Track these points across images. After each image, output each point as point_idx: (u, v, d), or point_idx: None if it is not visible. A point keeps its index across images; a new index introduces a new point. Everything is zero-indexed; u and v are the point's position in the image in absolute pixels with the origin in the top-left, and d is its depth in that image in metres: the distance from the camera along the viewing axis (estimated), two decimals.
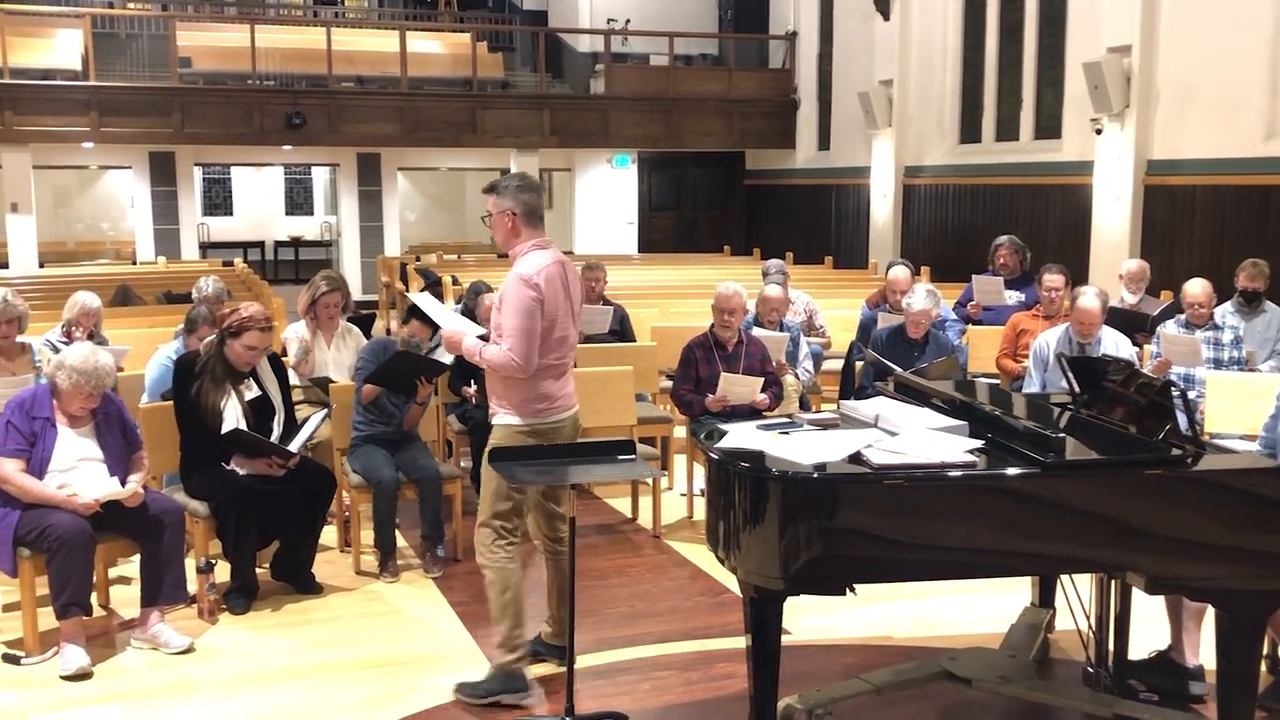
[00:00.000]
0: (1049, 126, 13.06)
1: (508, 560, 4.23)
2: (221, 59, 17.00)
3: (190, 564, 5.07)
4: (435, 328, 6.04)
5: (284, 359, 6.04)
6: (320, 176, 22.94)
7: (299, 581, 5.36)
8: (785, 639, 3.77)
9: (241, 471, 5.14)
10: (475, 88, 17.18)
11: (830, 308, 9.31)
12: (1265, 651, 4.29)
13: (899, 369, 5.41)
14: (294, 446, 5.19)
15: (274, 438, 5.25)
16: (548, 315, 4.12)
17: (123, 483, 4.71)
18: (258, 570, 5.34)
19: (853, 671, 4.19)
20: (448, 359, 5.92)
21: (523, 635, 4.24)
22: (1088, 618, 4.17)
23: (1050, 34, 12.98)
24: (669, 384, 6.88)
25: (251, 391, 5.30)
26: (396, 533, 5.77)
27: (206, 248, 19.87)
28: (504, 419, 4.20)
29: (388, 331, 14.03)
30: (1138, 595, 3.91)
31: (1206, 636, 4.03)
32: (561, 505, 4.31)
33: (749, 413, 6.03)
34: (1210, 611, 3.76)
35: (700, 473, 6.04)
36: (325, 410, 5.67)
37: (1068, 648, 4.57)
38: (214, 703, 4.25)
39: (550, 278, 4.12)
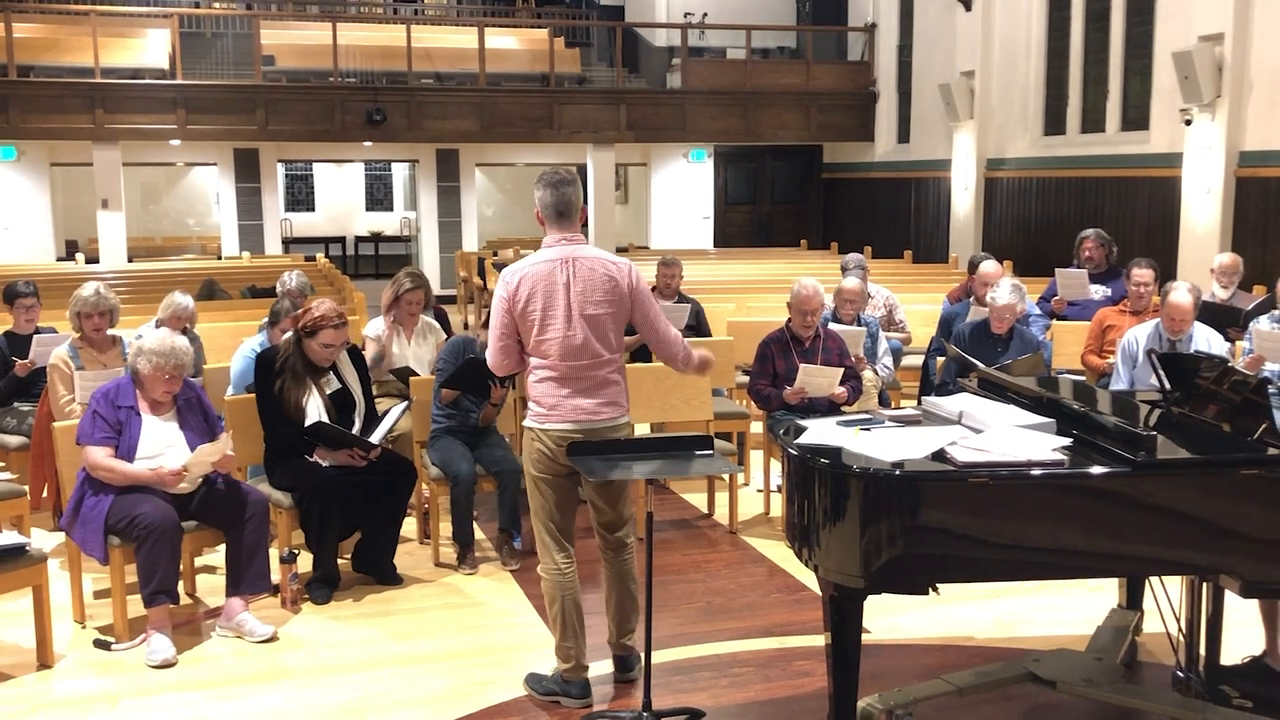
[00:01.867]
0: (1136, 118, 12.77)
1: (556, 571, 4.19)
2: (304, 57, 17.28)
3: (274, 554, 5.15)
4: None
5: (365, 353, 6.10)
6: (400, 172, 23.20)
7: (379, 572, 5.43)
8: (864, 637, 3.73)
9: (324, 464, 5.22)
10: (552, 83, 17.26)
11: (910, 302, 9.19)
12: None
13: (982, 365, 5.32)
14: (375, 438, 5.25)
15: (355, 430, 5.32)
16: (527, 316, 3.99)
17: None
18: (339, 561, 5.42)
19: (933, 672, 4.13)
20: None
21: (574, 647, 4.18)
22: (1177, 621, 4.07)
23: (1138, 22, 12.69)
24: (745, 379, 6.84)
25: (332, 385, 5.37)
26: (475, 525, 5.82)
27: (289, 243, 20.21)
28: (526, 421, 4.18)
29: (465, 326, 14.17)
30: (1230, 598, 3.80)
31: None
32: (609, 510, 4.23)
33: (827, 409, 5.97)
34: None
35: (777, 468, 6.00)
36: (406, 402, 5.73)
37: (1156, 651, 4.46)
38: (296, 691, 4.32)
39: (535, 276, 3.99)
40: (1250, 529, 3.28)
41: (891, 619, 4.85)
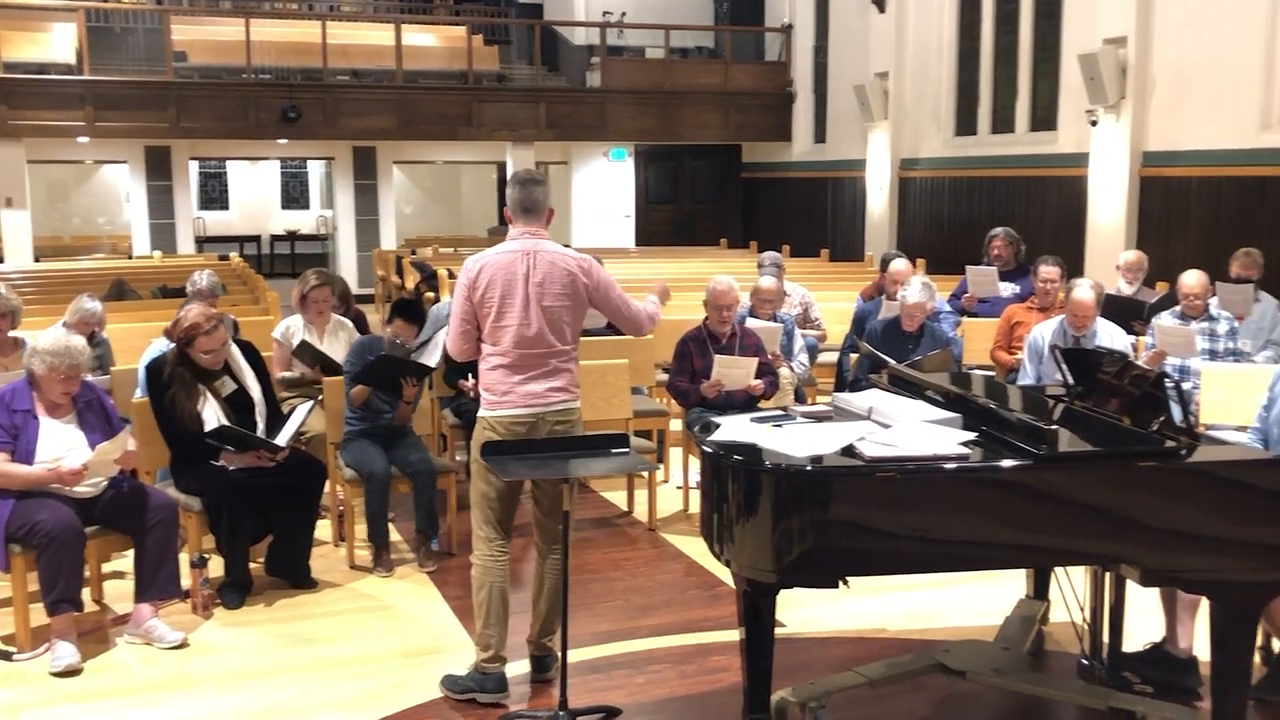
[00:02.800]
0: (1045, 118, 13.05)
1: (489, 558, 4.22)
2: (217, 53, 16.95)
3: (184, 559, 5.06)
4: (420, 325, 6.05)
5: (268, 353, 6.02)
6: (316, 170, 22.90)
7: (293, 576, 5.36)
8: (779, 631, 3.77)
9: (231, 467, 5.13)
10: (471, 81, 17.16)
11: (826, 300, 9.29)
12: (1259, 643, 4.30)
13: (893, 361, 5.40)
14: (282, 440, 5.17)
15: (259, 430, 5.24)
16: (485, 303, 4.09)
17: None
18: (252, 565, 5.34)
19: (847, 664, 4.18)
20: (432, 361, 5.91)
21: (496, 636, 4.20)
22: (1082, 610, 4.17)
23: (1046, 26, 12.97)
24: (665, 377, 6.88)
25: (228, 388, 5.27)
26: (391, 527, 5.77)
27: (202, 242, 19.83)
28: (479, 410, 4.24)
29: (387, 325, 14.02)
30: (1132, 587, 3.91)
31: (1200, 629, 4.03)
32: (549, 513, 4.26)
33: (744, 404, 6.02)
34: (1204, 603, 3.76)
35: (696, 466, 6.04)
36: (312, 402, 5.66)
37: (1062, 640, 4.57)
38: (207, 698, 4.25)
39: (496, 265, 4.10)
40: (1149, 519, 3.38)
41: (806, 612, 4.90)
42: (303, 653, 4.64)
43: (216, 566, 5.22)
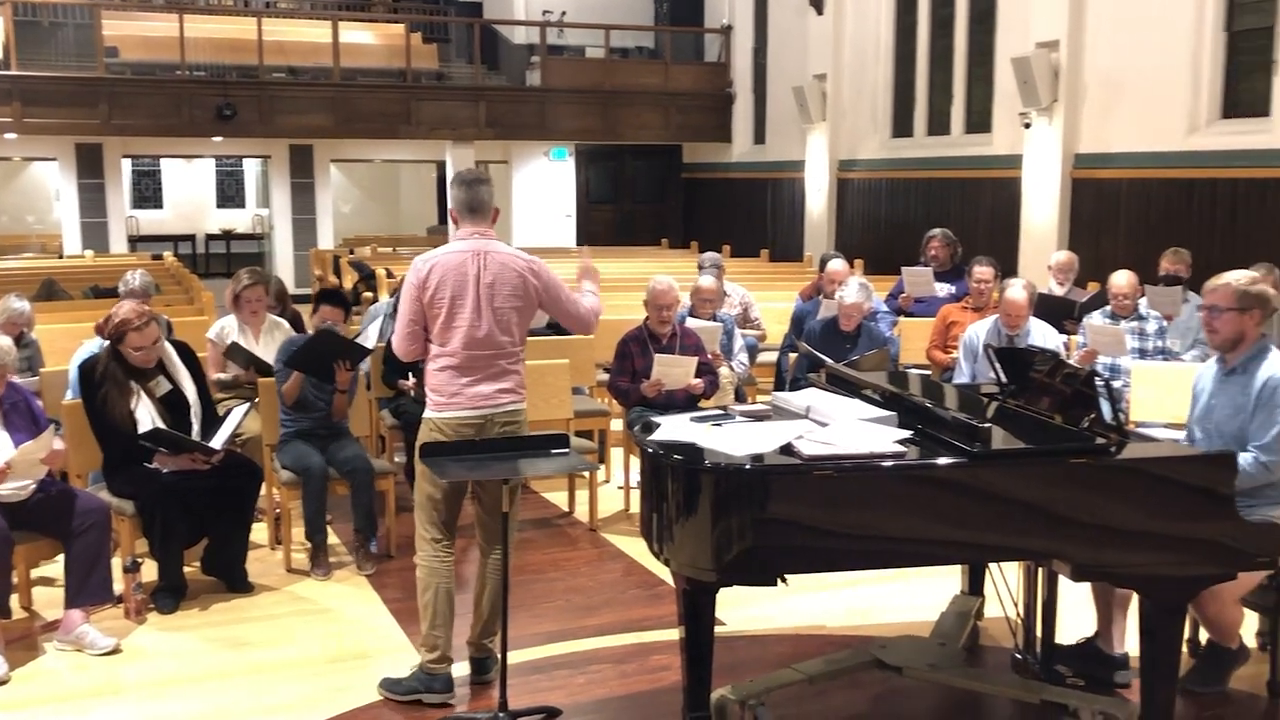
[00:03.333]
0: (979, 121, 13.23)
1: (434, 559, 4.20)
2: (149, 49, 16.67)
3: (116, 563, 4.98)
4: (348, 309, 6.02)
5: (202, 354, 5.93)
6: (252, 169, 22.61)
7: (229, 579, 5.29)
8: (719, 630, 3.79)
9: (165, 470, 5.05)
10: (409, 79, 17.04)
11: (766, 300, 9.35)
12: (1187, 636, 4.39)
13: (831, 361, 5.45)
14: (217, 442, 5.10)
15: (194, 432, 5.16)
16: (436, 303, 4.06)
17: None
18: (187, 569, 5.26)
19: (786, 661, 4.21)
20: (370, 342, 5.87)
21: (442, 637, 4.18)
22: (1016, 605, 4.24)
23: (980, 29, 13.15)
24: (606, 377, 6.88)
25: (162, 388, 5.19)
26: (329, 529, 5.71)
27: (136, 241, 19.50)
28: (425, 411, 4.22)
29: None
30: (1064, 582, 3.98)
31: (1132, 624, 4.12)
32: (490, 513, 4.24)
33: (685, 403, 6.04)
34: (1135, 598, 3.84)
35: (637, 466, 6.05)
36: (248, 404, 5.59)
37: (997, 635, 4.63)
38: (140, 704, 4.18)
39: (447, 265, 4.08)
40: (1079, 515, 3.43)
41: (746, 610, 4.93)
42: (238, 657, 4.59)
43: (150, 571, 5.14)
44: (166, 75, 15.78)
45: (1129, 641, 4.22)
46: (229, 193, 23.09)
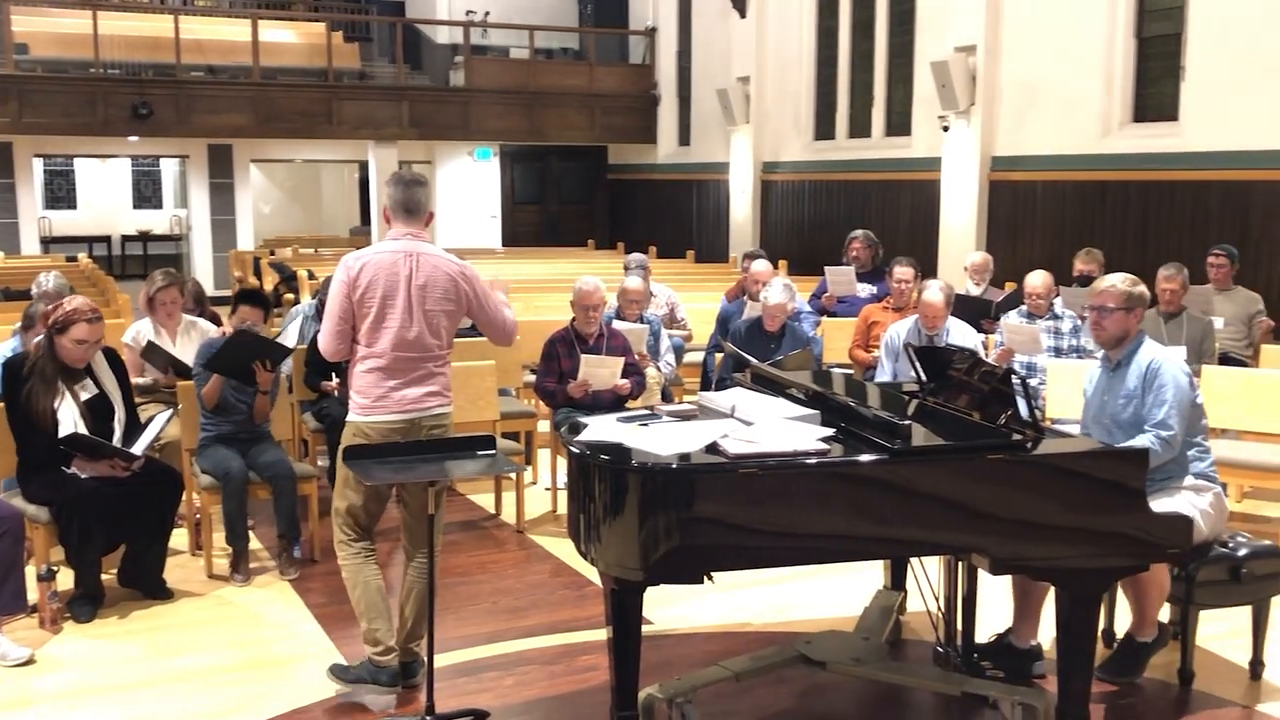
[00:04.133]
0: (899, 123, 13.43)
1: (357, 557, 4.18)
2: (62, 46, 16.29)
3: (31, 571, 4.86)
4: (267, 310, 5.95)
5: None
6: (170, 169, 22.19)
7: (148, 587, 5.19)
8: (647, 629, 3.81)
9: (83, 475, 4.95)
10: (331, 78, 16.85)
11: (692, 301, 9.40)
12: (1102, 626, 4.51)
13: (755, 360, 5.50)
14: (138, 448, 5.01)
15: (116, 439, 5.06)
16: (365, 303, 4.01)
17: None
18: (105, 576, 5.15)
19: (713, 659, 4.25)
20: (290, 342, 5.80)
21: (382, 628, 4.17)
22: (937, 599, 4.32)
23: (900, 33, 13.36)
24: (533, 378, 6.87)
25: (89, 391, 5.09)
26: (251, 535, 5.63)
27: (49, 242, 19.03)
28: (349, 414, 4.18)
29: None
30: (985, 576, 4.07)
31: (1046, 617, 4.21)
32: (416, 516, 4.20)
33: (612, 404, 6.06)
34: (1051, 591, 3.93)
35: (564, 467, 6.05)
36: (170, 410, 5.49)
37: (919, 629, 4.72)
38: (56, 715, 4.09)
39: (379, 265, 4.03)
40: (997, 510, 3.52)
41: (674, 609, 4.96)
42: (158, 665, 4.51)
43: (66, 579, 5.03)
44: (80, 73, 15.43)
45: (1043, 634, 4.32)
46: (146, 193, 22.63)
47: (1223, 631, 4.67)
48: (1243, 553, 4.25)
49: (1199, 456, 4.31)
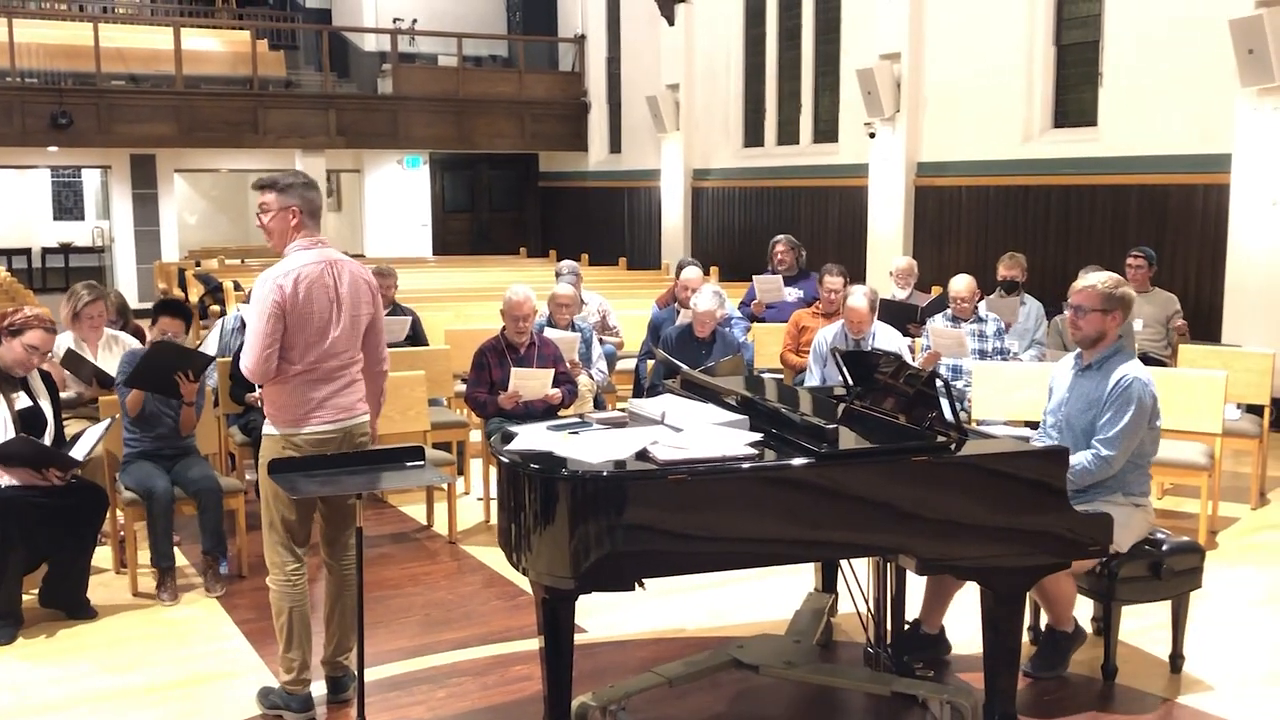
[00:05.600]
0: (827, 130, 13.58)
1: (286, 582, 4.08)
2: None
3: None
4: (188, 321, 5.85)
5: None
6: (91, 179, 21.75)
7: (71, 606, 5.08)
8: (580, 637, 3.82)
9: (3, 481, 4.82)
10: (256, 87, 16.64)
11: (625, 308, 9.42)
12: (1028, 623, 4.59)
13: (686, 367, 5.52)
14: (79, 454, 4.93)
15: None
16: (299, 316, 3.94)
17: None
18: (26, 596, 5.03)
19: (647, 666, 4.25)
20: (212, 350, 5.71)
21: (299, 658, 4.09)
22: (866, 601, 4.36)
23: (826, 40, 13.51)
24: (464, 388, 6.84)
25: (21, 401, 4.99)
26: (177, 551, 5.54)
27: None
28: (265, 429, 4.09)
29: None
30: (913, 576, 4.12)
31: (957, 609, 4.28)
32: (338, 520, 4.15)
33: (544, 413, 6.05)
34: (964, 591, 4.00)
35: (496, 477, 6.03)
36: (109, 420, 5.38)
37: (850, 630, 4.76)
38: None
39: (311, 278, 3.96)
40: (923, 511, 3.57)
41: (607, 617, 4.96)
42: (82, 685, 4.41)
43: None
44: None
45: (956, 626, 4.39)
46: (66, 204, 22.17)
47: (1144, 626, 4.77)
48: (1163, 549, 4.35)
49: (1139, 479, 4.32)
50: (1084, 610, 4.60)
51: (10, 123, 14.66)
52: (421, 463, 3.89)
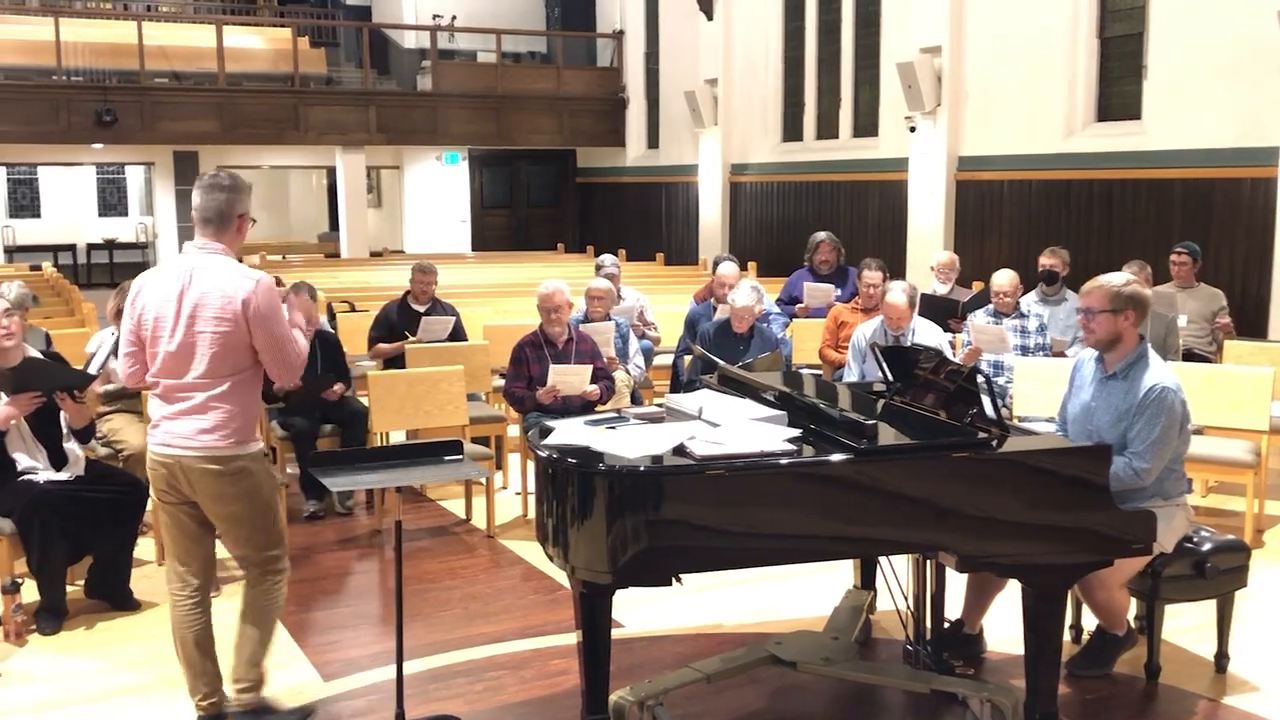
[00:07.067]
0: (866, 124, 13.49)
1: (173, 604, 3.94)
2: (24, 53, 16.14)
3: None
4: None
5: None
6: (135, 176, 22.02)
7: (114, 598, 5.14)
8: (617, 632, 3.81)
9: (43, 476, 4.88)
10: (297, 84, 16.76)
11: (662, 304, 9.41)
12: (1069, 622, 4.54)
13: (722, 362, 5.50)
14: (94, 368, 4.89)
15: (66, 438, 5.02)
16: (143, 324, 3.72)
17: None
18: (71, 588, 5.10)
19: (684, 661, 4.25)
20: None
21: (193, 684, 3.92)
22: (906, 598, 4.33)
23: (866, 34, 13.41)
24: (502, 383, 6.86)
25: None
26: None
27: (12, 251, 18.86)
28: None
29: None
30: (952, 573, 4.09)
31: (998, 609, 4.24)
32: (228, 539, 3.96)
33: (582, 408, 6.05)
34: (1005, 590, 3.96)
35: (534, 471, 6.04)
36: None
37: (889, 627, 4.73)
38: None
39: (154, 285, 3.73)
40: (963, 508, 3.53)
41: (644, 612, 4.96)
42: (123, 677, 4.46)
43: (31, 591, 4.97)
44: (42, 80, 15.29)
45: (992, 623, 4.35)
46: (111, 201, 22.45)
47: (1188, 625, 4.71)
48: (1207, 548, 4.28)
49: (1175, 483, 4.24)
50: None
51: (57, 120, 14.86)
52: (460, 456, 3.90)
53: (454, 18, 18.50)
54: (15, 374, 4.74)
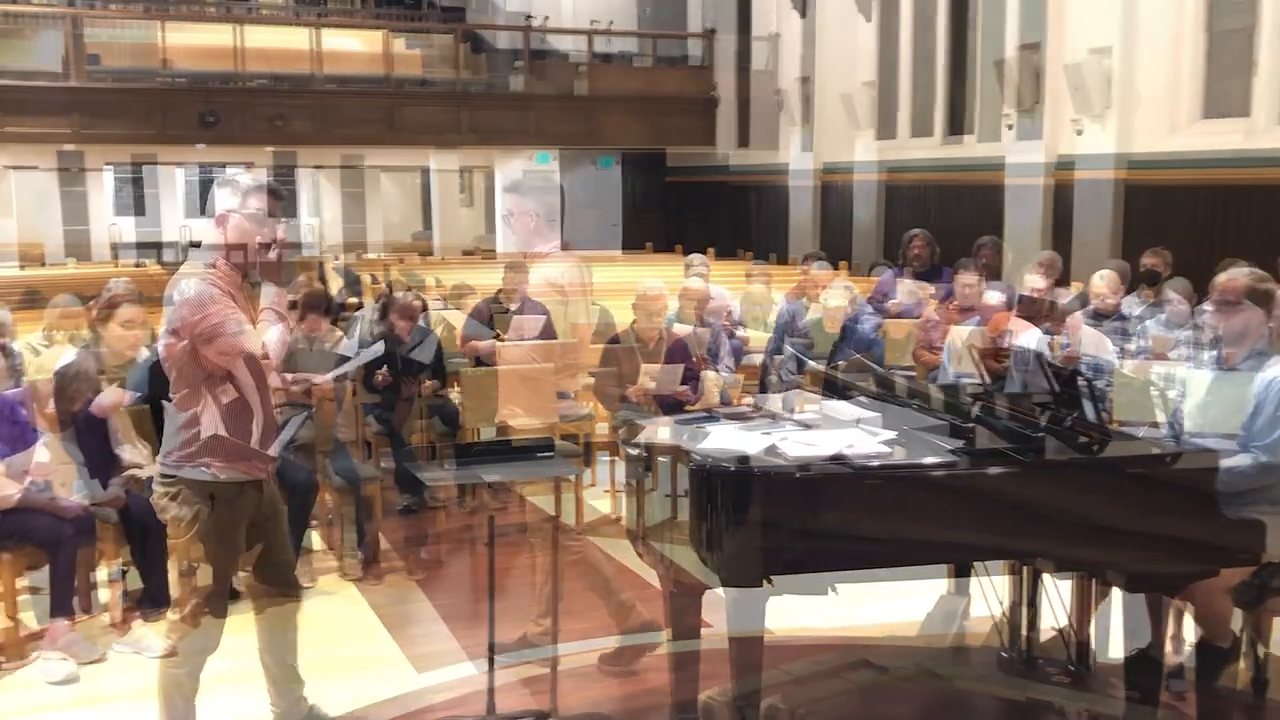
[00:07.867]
0: (962, 123, 13.27)
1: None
2: (131, 56, 16.61)
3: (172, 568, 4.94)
4: (335, 315, 6.00)
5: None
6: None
7: (281, 584, 5.20)
8: (706, 632, 3.79)
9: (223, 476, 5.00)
10: (392, 85, 17.00)
11: (752, 303, 9.35)
12: (1172, 633, 4.42)
13: (812, 363, 5.47)
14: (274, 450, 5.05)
15: None
16: None
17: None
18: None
19: (773, 663, 4.21)
20: (353, 347, 5.79)
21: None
22: (1001, 605, 4.25)
23: (960, 31, 13.21)
24: (592, 381, 6.88)
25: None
26: (315, 536, 5.70)
27: (118, 249, 19.42)
28: None
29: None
30: (1048, 582, 4.00)
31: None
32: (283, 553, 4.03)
33: (671, 408, 6.05)
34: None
35: (622, 469, 6.04)
36: (306, 412, 5.49)
37: (983, 634, 4.64)
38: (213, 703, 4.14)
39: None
40: (1062, 514, 3.43)
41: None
42: (227, 666, 4.54)
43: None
44: (146, 82, 15.73)
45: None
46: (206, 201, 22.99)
47: None
48: None
49: None
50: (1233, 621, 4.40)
51: (161, 122, 15.27)
52: (551, 454, 3.92)
53: (546, 18, 18.62)
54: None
